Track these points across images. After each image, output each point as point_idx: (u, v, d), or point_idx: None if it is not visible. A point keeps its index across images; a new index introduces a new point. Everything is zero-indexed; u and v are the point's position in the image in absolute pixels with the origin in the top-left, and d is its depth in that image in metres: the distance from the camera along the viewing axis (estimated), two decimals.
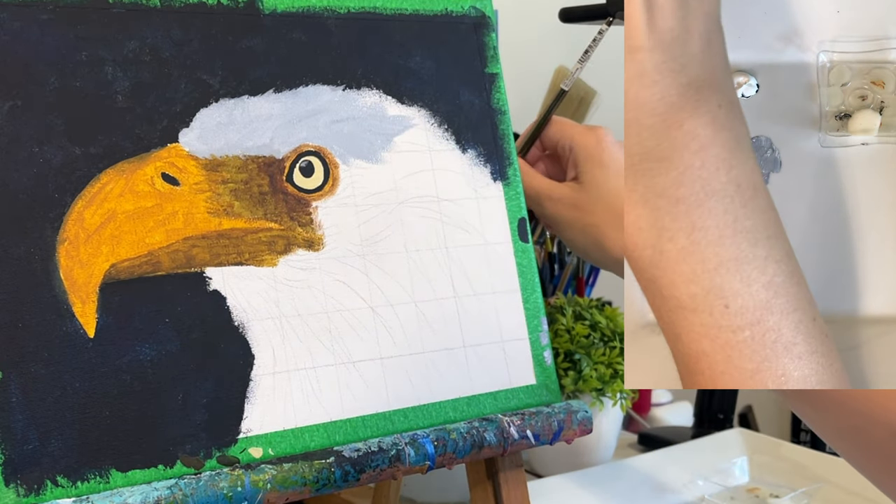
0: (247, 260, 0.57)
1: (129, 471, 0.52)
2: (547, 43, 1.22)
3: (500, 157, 0.68)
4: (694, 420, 1.14)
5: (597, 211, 0.67)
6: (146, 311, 0.54)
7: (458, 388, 0.63)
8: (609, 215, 0.67)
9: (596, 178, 0.68)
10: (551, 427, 0.63)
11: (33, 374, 0.50)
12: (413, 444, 0.58)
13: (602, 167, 0.68)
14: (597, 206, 0.68)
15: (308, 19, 0.62)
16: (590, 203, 0.68)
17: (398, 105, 0.64)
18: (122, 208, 0.54)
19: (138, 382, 0.53)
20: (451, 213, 0.65)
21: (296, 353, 0.58)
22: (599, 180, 0.68)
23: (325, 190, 0.61)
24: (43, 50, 0.53)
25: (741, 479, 0.93)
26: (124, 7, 0.56)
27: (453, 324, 0.63)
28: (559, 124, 0.72)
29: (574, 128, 0.71)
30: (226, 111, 0.58)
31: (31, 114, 0.53)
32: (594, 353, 0.88)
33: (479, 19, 0.69)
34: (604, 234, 0.67)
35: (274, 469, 0.53)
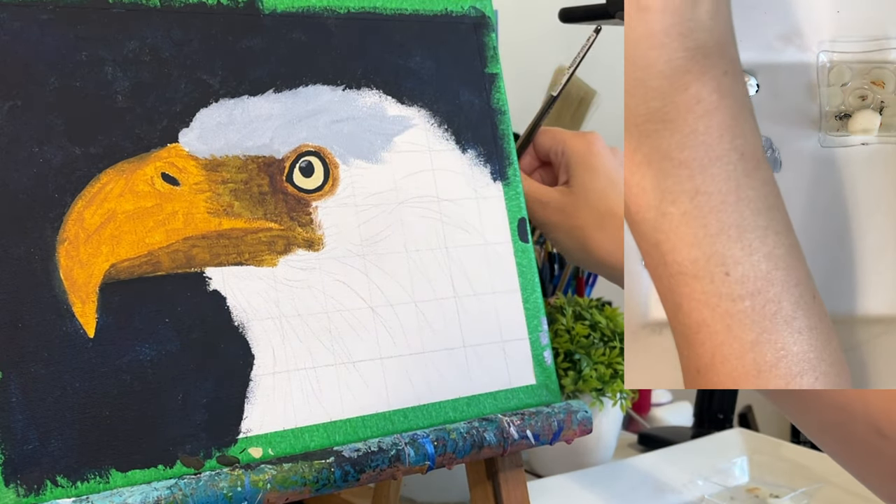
0: (247, 260, 0.57)
1: (129, 471, 0.52)
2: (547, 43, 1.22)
3: (500, 157, 0.68)
4: (694, 420, 1.14)
5: (583, 214, 0.68)
6: (146, 311, 0.54)
7: (458, 388, 0.63)
8: (595, 218, 0.68)
9: (584, 181, 0.69)
10: (551, 427, 0.63)
11: (33, 374, 0.50)
12: (413, 444, 0.58)
13: (591, 171, 0.69)
14: (583, 210, 0.68)
15: (308, 19, 0.62)
16: (576, 206, 0.69)
17: (398, 105, 0.64)
18: (122, 208, 0.54)
19: (138, 382, 0.53)
20: (451, 213, 0.65)
21: (296, 353, 0.58)
22: (587, 184, 0.69)
23: (325, 190, 0.61)
24: (43, 50, 0.53)
25: (741, 479, 0.93)
26: (124, 7, 0.56)
27: (453, 324, 0.63)
28: (550, 132, 0.73)
29: (566, 133, 0.72)
30: (226, 111, 0.58)
31: (31, 114, 0.53)
32: (594, 353, 0.88)
33: (479, 19, 0.69)
34: (589, 236, 0.68)
35: (274, 469, 0.53)
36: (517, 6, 1.17)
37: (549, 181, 0.73)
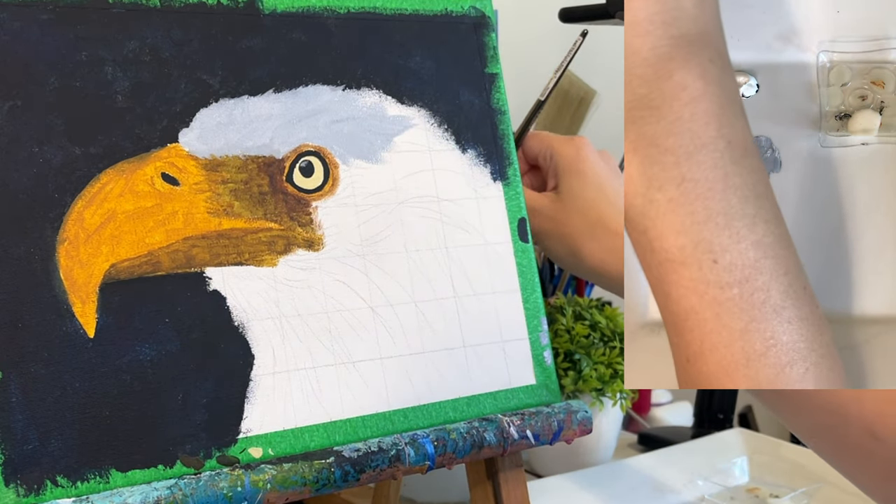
0: (247, 260, 0.57)
1: (129, 471, 0.52)
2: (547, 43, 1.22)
3: (500, 157, 0.68)
4: (694, 420, 1.14)
5: (573, 222, 0.68)
6: (146, 311, 0.54)
7: (458, 388, 0.63)
8: (584, 225, 0.68)
9: (573, 188, 0.69)
10: (551, 427, 0.63)
11: (33, 374, 0.50)
12: (413, 444, 0.58)
13: (580, 177, 0.69)
14: (573, 217, 0.68)
15: (308, 19, 0.62)
16: (566, 213, 0.69)
17: (398, 105, 0.64)
18: (122, 208, 0.54)
19: (138, 382, 0.53)
20: (451, 213, 0.65)
21: (296, 353, 0.58)
22: (576, 190, 0.69)
23: (325, 190, 0.61)
24: (43, 50, 0.53)
25: (741, 479, 0.93)
26: (124, 7, 0.56)
27: (453, 324, 0.63)
28: (539, 137, 0.73)
29: (554, 138, 0.72)
30: (226, 111, 0.58)
31: (31, 114, 0.53)
32: (594, 353, 0.88)
33: (479, 19, 0.69)
34: (579, 243, 0.68)
35: (274, 469, 0.53)
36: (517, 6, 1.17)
37: (537, 185, 0.73)
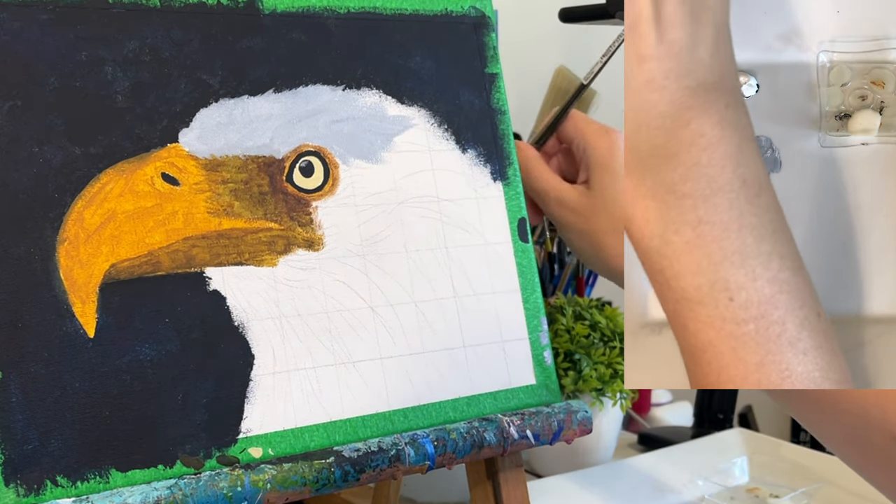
0: (247, 260, 0.57)
1: (129, 471, 0.52)
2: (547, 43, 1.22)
3: (500, 157, 0.68)
4: (694, 420, 1.14)
5: (600, 218, 0.67)
6: (146, 311, 0.54)
7: (458, 388, 0.63)
8: (611, 223, 0.67)
9: (604, 184, 0.68)
10: (551, 427, 0.63)
11: (33, 374, 0.50)
12: (413, 444, 0.58)
13: (611, 174, 0.68)
14: (601, 214, 0.67)
15: (308, 19, 0.62)
16: (594, 210, 0.68)
17: (398, 105, 0.64)
18: (122, 208, 0.54)
19: (138, 382, 0.53)
20: (451, 213, 0.65)
21: (296, 353, 0.58)
22: (607, 187, 0.68)
23: (325, 190, 0.61)
24: (43, 50, 0.53)
25: (741, 479, 0.93)
26: (124, 7, 0.56)
27: (453, 324, 0.63)
28: (575, 120, 0.71)
29: (589, 127, 0.70)
30: (226, 111, 0.58)
31: (31, 114, 0.53)
32: (594, 353, 0.88)
33: (479, 19, 0.69)
34: (603, 241, 0.67)
35: (274, 469, 0.53)
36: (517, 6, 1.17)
37: (566, 167, 0.72)
